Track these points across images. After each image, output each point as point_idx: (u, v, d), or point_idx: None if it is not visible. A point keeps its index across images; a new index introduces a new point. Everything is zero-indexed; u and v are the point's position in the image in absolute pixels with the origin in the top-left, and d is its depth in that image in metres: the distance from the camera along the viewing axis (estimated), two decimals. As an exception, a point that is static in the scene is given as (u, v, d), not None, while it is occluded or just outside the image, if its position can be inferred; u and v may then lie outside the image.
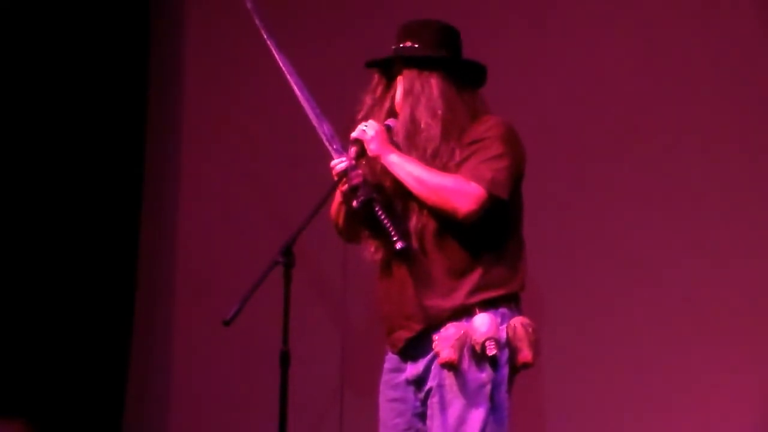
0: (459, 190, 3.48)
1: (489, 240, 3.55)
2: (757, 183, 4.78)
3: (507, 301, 3.56)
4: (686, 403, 4.83)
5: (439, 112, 3.56)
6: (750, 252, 4.77)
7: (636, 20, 5.02)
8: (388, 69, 3.69)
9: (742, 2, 4.86)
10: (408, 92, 3.60)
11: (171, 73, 5.90)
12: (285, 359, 3.42)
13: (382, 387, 3.70)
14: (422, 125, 3.56)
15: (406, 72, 3.62)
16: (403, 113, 3.61)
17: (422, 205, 3.55)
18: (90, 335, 5.67)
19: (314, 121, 3.73)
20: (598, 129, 5.04)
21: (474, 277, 3.53)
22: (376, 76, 3.72)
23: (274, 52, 3.81)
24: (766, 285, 4.74)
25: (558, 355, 4.81)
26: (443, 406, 3.51)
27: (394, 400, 3.65)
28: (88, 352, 5.66)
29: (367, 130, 3.61)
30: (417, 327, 3.56)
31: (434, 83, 3.59)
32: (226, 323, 3.31)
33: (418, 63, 3.61)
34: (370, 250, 3.67)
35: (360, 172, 3.58)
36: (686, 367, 4.82)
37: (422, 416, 3.59)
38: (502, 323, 3.52)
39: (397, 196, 3.60)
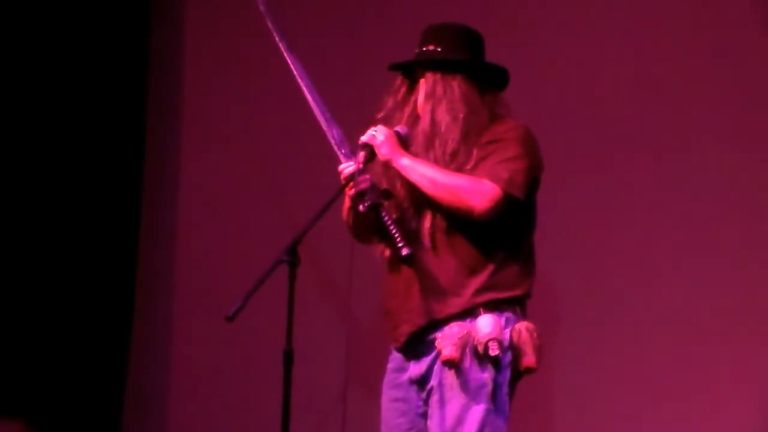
0: (474, 189, 3.48)
1: (500, 240, 3.55)
2: (761, 184, 4.78)
3: (512, 305, 3.55)
4: (696, 406, 4.81)
5: (461, 115, 3.56)
6: (759, 253, 4.77)
7: (642, 22, 5.02)
8: (411, 72, 3.70)
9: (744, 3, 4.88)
10: (430, 95, 3.61)
11: (171, 73, 5.90)
12: (288, 358, 3.41)
13: (384, 387, 3.69)
14: (443, 128, 3.56)
15: (428, 75, 3.63)
16: (425, 115, 3.61)
17: (436, 207, 3.54)
18: (90, 335, 5.66)
19: (324, 125, 3.75)
20: (605, 133, 5.03)
21: (483, 276, 3.52)
22: (399, 79, 3.72)
23: (285, 54, 3.82)
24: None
25: (566, 358, 4.80)
26: (442, 404, 3.51)
27: (397, 399, 3.65)
28: (87, 352, 5.65)
29: (377, 134, 3.61)
30: (420, 321, 3.55)
31: (456, 86, 3.59)
32: (229, 319, 3.32)
33: (441, 66, 3.61)
34: (380, 247, 3.67)
35: (368, 176, 3.57)
36: (696, 370, 4.81)
37: (425, 416, 3.59)
38: (506, 327, 3.52)
39: (408, 200, 3.60)
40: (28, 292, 5.61)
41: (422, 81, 3.64)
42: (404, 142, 3.63)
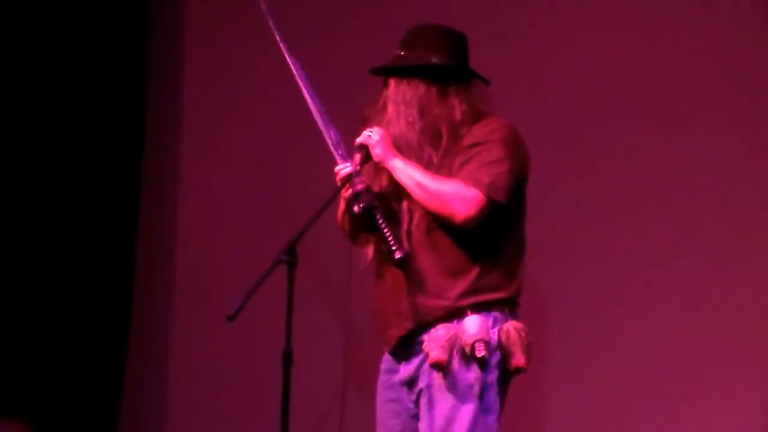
0: (458, 196, 3.50)
1: (486, 242, 3.56)
2: (759, 183, 4.79)
3: (500, 306, 3.56)
4: (688, 407, 4.82)
5: (410, 119, 3.59)
6: (752, 252, 4.78)
7: (635, 20, 5.03)
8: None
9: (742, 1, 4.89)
10: (392, 100, 3.64)
11: (171, 73, 5.91)
12: (287, 358, 3.44)
13: (378, 387, 3.72)
14: (397, 132, 3.60)
15: (390, 81, 3.66)
16: (390, 121, 3.64)
17: (421, 209, 3.56)
18: (89, 335, 5.67)
19: (321, 126, 3.76)
20: (596, 132, 5.04)
21: (468, 279, 3.54)
22: (380, 85, 3.73)
23: (286, 55, 3.82)
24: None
25: (557, 358, 4.82)
26: (431, 406, 3.52)
27: (390, 400, 3.67)
28: (86, 351, 5.66)
29: (372, 135, 3.64)
30: (408, 325, 3.57)
31: (410, 91, 3.61)
32: (230, 318, 3.34)
33: (397, 72, 3.64)
34: (370, 248, 3.69)
35: (363, 178, 3.60)
36: (688, 371, 4.81)
37: (417, 417, 3.60)
38: (493, 327, 3.53)
39: (396, 200, 3.63)
40: (27, 292, 5.62)
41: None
42: None
